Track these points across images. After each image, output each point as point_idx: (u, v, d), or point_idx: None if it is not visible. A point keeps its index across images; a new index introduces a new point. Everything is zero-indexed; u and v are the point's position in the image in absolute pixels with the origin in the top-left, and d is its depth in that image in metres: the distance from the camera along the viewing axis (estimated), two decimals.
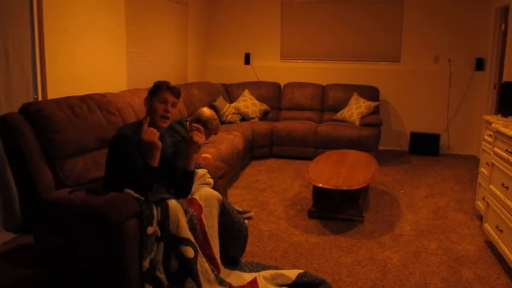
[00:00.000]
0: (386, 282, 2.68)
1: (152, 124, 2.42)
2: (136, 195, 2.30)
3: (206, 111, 3.54)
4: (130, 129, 2.42)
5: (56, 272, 2.49)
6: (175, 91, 2.48)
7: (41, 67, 3.42)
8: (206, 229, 2.44)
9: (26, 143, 2.41)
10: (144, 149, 2.32)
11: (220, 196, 2.56)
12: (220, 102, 5.91)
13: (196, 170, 2.69)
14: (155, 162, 2.33)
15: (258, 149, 5.65)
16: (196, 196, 2.50)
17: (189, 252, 2.27)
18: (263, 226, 3.52)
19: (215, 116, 3.52)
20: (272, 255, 3.02)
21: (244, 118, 6.04)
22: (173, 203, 2.33)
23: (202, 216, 2.44)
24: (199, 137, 2.47)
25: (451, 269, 2.86)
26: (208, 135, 3.55)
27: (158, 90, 2.45)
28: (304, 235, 3.36)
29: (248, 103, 6.12)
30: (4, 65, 3.10)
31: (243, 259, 2.77)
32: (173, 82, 5.99)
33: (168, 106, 2.43)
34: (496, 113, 4.78)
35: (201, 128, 2.58)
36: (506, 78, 4.95)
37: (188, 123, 3.58)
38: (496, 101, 5.53)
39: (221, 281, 2.40)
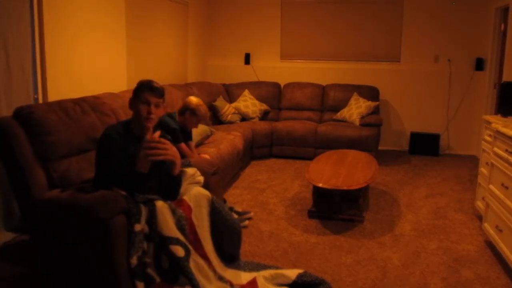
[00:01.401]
0: (386, 282, 2.68)
1: (138, 125, 2.42)
2: (124, 193, 2.32)
3: (193, 99, 3.58)
4: (116, 129, 2.44)
5: (53, 270, 2.52)
6: (157, 91, 2.42)
7: (41, 67, 3.42)
8: (197, 229, 2.44)
9: (19, 146, 2.45)
10: (136, 155, 2.32)
11: (210, 195, 2.55)
12: (220, 102, 5.91)
13: (185, 169, 2.68)
14: (146, 170, 2.33)
15: (258, 149, 5.65)
16: (185, 197, 2.49)
17: (179, 251, 2.28)
18: (263, 226, 3.52)
19: (202, 103, 3.56)
20: (272, 255, 3.02)
21: (244, 118, 6.04)
22: (160, 203, 2.35)
23: (192, 216, 2.44)
24: (157, 152, 2.28)
25: (451, 269, 2.86)
26: (197, 122, 3.60)
27: (139, 91, 2.42)
28: (304, 235, 3.36)
29: (248, 103, 6.12)
30: (4, 66, 3.09)
31: (243, 259, 2.77)
32: (173, 82, 6.01)
33: (150, 107, 2.40)
34: (496, 113, 4.78)
35: (162, 141, 2.32)
36: (506, 78, 4.95)
37: (177, 112, 3.61)
38: (496, 101, 5.53)
39: (220, 277, 2.41)
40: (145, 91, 2.41)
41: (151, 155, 2.26)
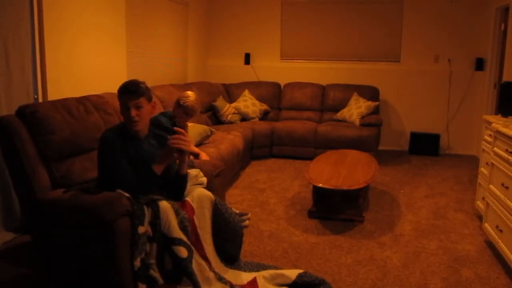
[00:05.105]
0: (386, 282, 2.68)
1: (126, 128, 2.41)
2: (127, 195, 2.31)
3: (184, 92, 3.34)
4: (114, 131, 2.42)
5: (54, 271, 2.50)
6: (131, 93, 2.34)
7: (41, 67, 3.42)
8: (198, 230, 2.44)
9: (22, 145, 2.43)
10: (138, 156, 2.33)
11: (212, 196, 2.54)
12: (220, 102, 5.91)
13: (188, 171, 2.68)
14: (161, 171, 2.33)
15: (258, 149, 5.65)
16: (188, 198, 2.49)
17: (182, 252, 2.28)
18: (263, 226, 3.52)
19: (190, 95, 3.25)
20: (272, 255, 3.02)
21: (244, 118, 6.04)
22: (164, 204, 2.33)
23: (194, 217, 2.44)
24: (180, 143, 2.32)
25: (451, 269, 2.86)
26: (185, 115, 3.26)
27: (118, 96, 2.38)
28: (304, 235, 3.36)
29: (248, 103, 6.12)
30: (4, 66, 3.10)
31: (243, 259, 2.77)
32: (173, 82, 5.98)
33: (130, 111, 2.34)
34: (496, 113, 4.78)
35: (182, 134, 2.38)
36: (506, 78, 4.95)
37: (175, 102, 3.39)
38: (496, 101, 5.54)
39: (220, 278, 2.40)
40: (121, 95, 2.37)
41: (177, 143, 2.29)
